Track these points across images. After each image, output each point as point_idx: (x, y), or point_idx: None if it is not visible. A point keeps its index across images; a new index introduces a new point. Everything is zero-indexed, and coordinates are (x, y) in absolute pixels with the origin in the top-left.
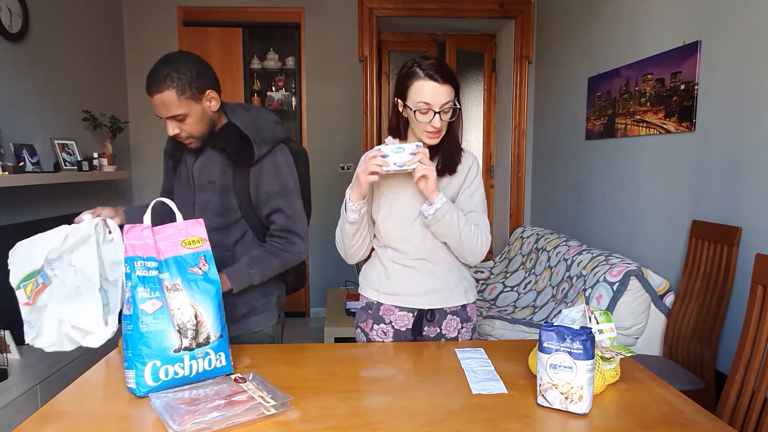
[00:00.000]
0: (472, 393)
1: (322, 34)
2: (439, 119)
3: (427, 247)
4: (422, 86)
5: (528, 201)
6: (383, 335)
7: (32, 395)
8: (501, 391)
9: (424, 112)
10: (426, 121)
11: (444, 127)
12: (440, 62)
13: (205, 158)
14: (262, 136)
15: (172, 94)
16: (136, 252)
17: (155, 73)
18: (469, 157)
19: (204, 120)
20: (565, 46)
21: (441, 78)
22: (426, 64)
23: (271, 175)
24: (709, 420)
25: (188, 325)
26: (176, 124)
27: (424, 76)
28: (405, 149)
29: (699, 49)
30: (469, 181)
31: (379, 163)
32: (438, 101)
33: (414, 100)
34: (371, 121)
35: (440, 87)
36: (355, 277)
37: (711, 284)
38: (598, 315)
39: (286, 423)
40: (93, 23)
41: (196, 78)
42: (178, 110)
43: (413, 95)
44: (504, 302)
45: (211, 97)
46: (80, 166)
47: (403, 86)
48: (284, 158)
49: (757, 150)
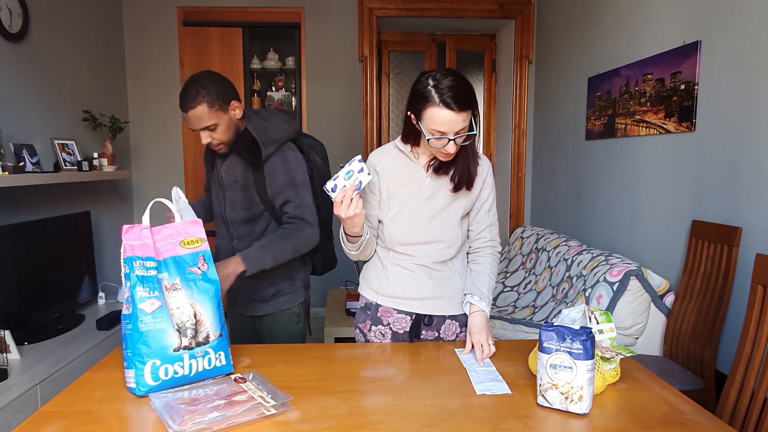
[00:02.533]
0: (474, 393)
1: (322, 34)
2: (453, 145)
3: (431, 254)
4: (437, 114)
5: (528, 201)
6: (381, 337)
7: (32, 395)
8: (505, 392)
9: (438, 138)
10: (440, 146)
11: (458, 149)
12: (459, 85)
13: (230, 161)
14: (269, 137)
15: (204, 108)
16: (135, 252)
17: (187, 93)
18: (485, 164)
19: (231, 127)
20: (565, 46)
21: (458, 106)
22: (443, 87)
23: (280, 170)
24: (709, 420)
25: (187, 324)
26: (208, 134)
27: (439, 102)
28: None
29: (699, 49)
30: (485, 194)
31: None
32: (453, 129)
33: (428, 127)
34: (371, 121)
35: (456, 116)
36: (355, 278)
37: (711, 284)
38: (598, 315)
39: (286, 423)
40: (93, 23)
41: (222, 91)
42: (209, 121)
43: (427, 121)
44: (504, 302)
45: (235, 106)
46: (80, 166)
47: (417, 106)
48: (292, 154)
49: (757, 150)
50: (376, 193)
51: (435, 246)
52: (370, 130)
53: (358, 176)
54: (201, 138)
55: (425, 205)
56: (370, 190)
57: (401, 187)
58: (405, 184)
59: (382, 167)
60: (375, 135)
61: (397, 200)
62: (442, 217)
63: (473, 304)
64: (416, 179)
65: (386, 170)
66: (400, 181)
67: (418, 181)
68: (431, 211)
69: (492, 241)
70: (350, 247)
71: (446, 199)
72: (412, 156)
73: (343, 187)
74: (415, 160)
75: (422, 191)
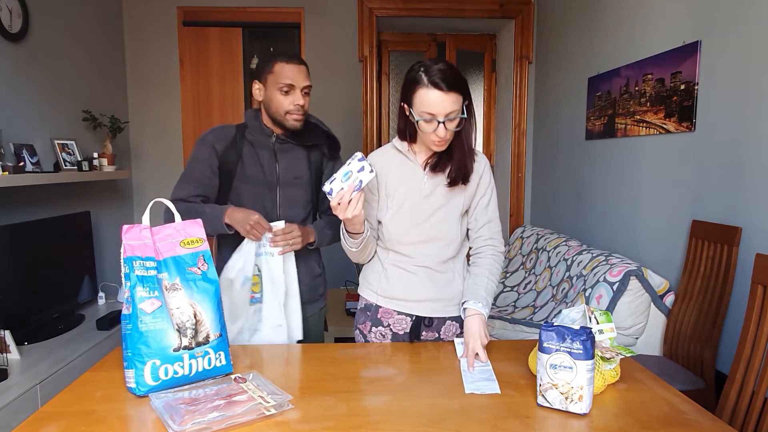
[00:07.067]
0: (474, 393)
1: (322, 34)
2: (444, 129)
3: (430, 254)
4: (426, 95)
5: (528, 201)
6: (381, 338)
7: (32, 395)
8: (494, 392)
9: (428, 121)
10: (430, 130)
11: (450, 135)
12: (448, 68)
13: (291, 157)
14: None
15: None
16: (135, 252)
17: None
18: (481, 161)
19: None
20: (565, 46)
21: (446, 86)
22: (432, 70)
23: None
24: (709, 420)
25: (187, 324)
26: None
27: (428, 83)
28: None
29: (699, 49)
30: (482, 190)
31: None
32: (442, 111)
33: (418, 110)
34: (371, 121)
35: (445, 96)
36: (355, 277)
37: (711, 284)
38: (598, 315)
39: (286, 423)
40: (93, 23)
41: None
42: (308, 81)
43: (417, 104)
44: (504, 302)
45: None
46: (80, 166)
47: (408, 92)
48: None
49: (758, 150)
50: (375, 194)
51: (434, 245)
52: (370, 130)
53: (358, 176)
54: (295, 99)
55: (423, 202)
56: (369, 191)
57: (399, 186)
58: (403, 183)
59: (380, 168)
60: (375, 135)
61: (396, 199)
62: (441, 214)
63: (468, 308)
64: (414, 177)
65: (384, 170)
66: (398, 180)
67: (416, 179)
68: (429, 209)
69: (491, 240)
70: (351, 243)
71: (444, 197)
72: (409, 154)
73: (340, 189)
74: (412, 159)
75: (420, 189)
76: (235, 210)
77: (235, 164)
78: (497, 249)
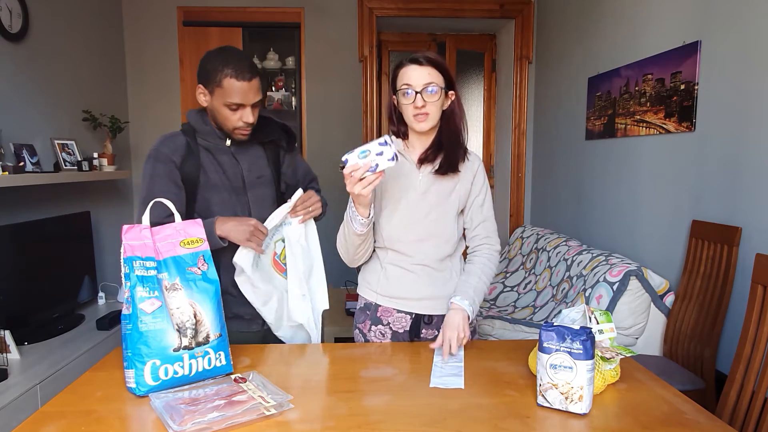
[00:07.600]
0: (473, 393)
1: (322, 34)
2: (422, 99)
3: (428, 252)
4: (405, 71)
5: (528, 201)
6: (381, 336)
7: (32, 395)
8: (457, 386)
9: (405, 93)
10: (409, 102)
11: (431, 110)
12: (428, 52)
13: (250, 156)
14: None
15: (258, 82)
16: (135, 252)
17: (244, 61)
18: (475, 160)
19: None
20: (565, 46)
21: (423, 60)
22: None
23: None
24: (709, 420)
25: (187, 324)
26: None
27: (407, 62)
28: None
29: (699, 49)
30: (477, 189)
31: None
32: (419, 82)
33: (399, 87)
34: (371, 120)
35: (421, 68)
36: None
37: (711, 284)
38: (598, 315)
39: (286, 423)
40: (93, 23)
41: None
42: (259, 97)
43: (398, 83)
44: (504, 302)
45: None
46: (80, 166)
47: (393, 79)
48: None
49: (757, 150)
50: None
51: (433, 242)
52: (370, 129)
53: (376, 158)
54: (244, 116)
55: (420, 200)
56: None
57: (395, 185)
58: (398, 182)
59: None
60: (375, 135)
61: (392, 198)
62: (438, 212)
63: (454, 303)
64: (409, 176)
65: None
66: (394, 179)
67: (411, 177)
68: (426, 207)
69: (487, 238)
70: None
71: (440, 195)
72: (404, 152)
73: (354, 164)
74: (408, 157)
75: (416, 188)
76: (226, 220)
77: (196, 174)
78: (493, 248)
